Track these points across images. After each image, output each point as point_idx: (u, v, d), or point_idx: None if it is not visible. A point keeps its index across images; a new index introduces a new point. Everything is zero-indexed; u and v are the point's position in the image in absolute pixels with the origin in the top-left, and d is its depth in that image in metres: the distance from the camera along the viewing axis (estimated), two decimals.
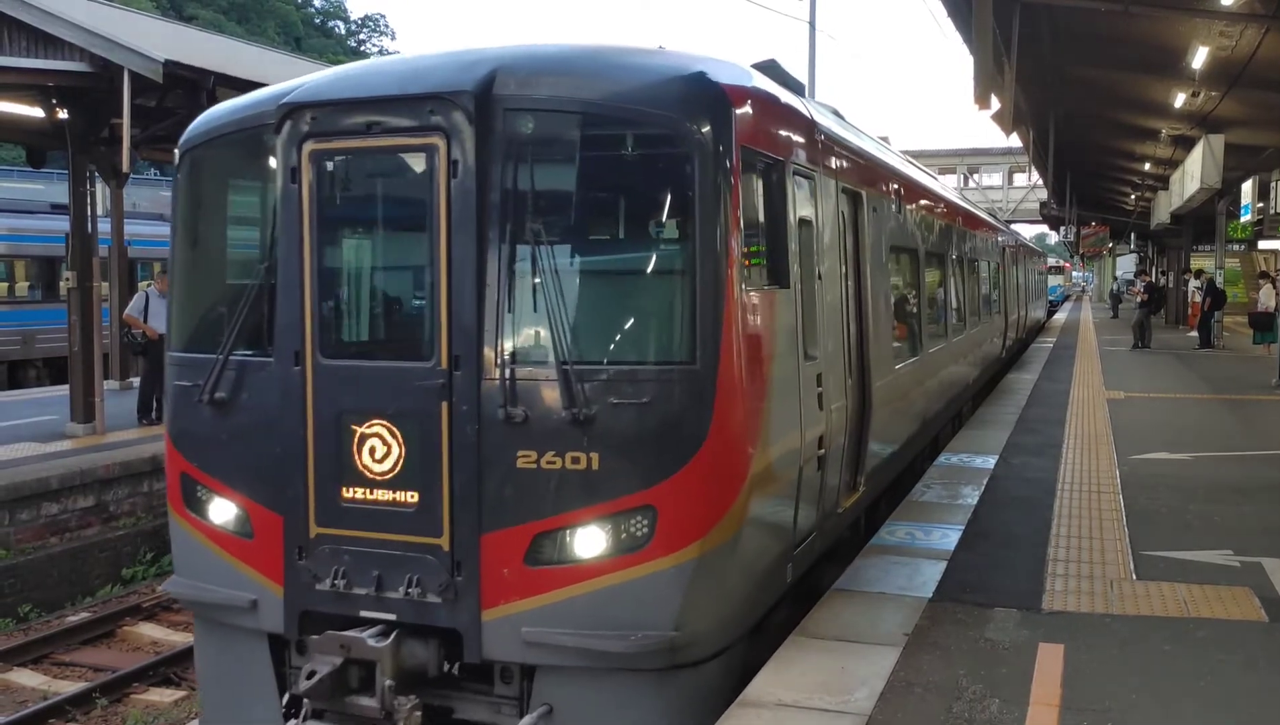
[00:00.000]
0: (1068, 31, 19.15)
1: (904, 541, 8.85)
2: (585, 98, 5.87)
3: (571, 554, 5.70)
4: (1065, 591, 7.55)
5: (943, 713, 5.56)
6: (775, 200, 6.61)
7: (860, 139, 9.86)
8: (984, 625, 6.87)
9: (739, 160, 5.87)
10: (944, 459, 12.73)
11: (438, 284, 5.85)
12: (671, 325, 5.95)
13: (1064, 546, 8.72)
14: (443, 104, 5.80)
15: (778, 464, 6.33)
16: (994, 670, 6.12)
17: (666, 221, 6.05)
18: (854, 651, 6.40)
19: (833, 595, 7.44)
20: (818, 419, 7.11)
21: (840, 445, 7.75)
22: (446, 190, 5.81)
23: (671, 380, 5.66)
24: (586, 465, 5.64)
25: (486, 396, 5.75)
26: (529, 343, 5.88)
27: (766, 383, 6.16)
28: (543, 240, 5.74)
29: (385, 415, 5.94)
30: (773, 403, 6.23)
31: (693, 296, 5.70)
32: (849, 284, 8.42)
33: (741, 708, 5.65)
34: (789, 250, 6.66)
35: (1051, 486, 11.05)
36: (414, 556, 5.90)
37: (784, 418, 6.45)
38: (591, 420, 5.61)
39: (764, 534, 6.31)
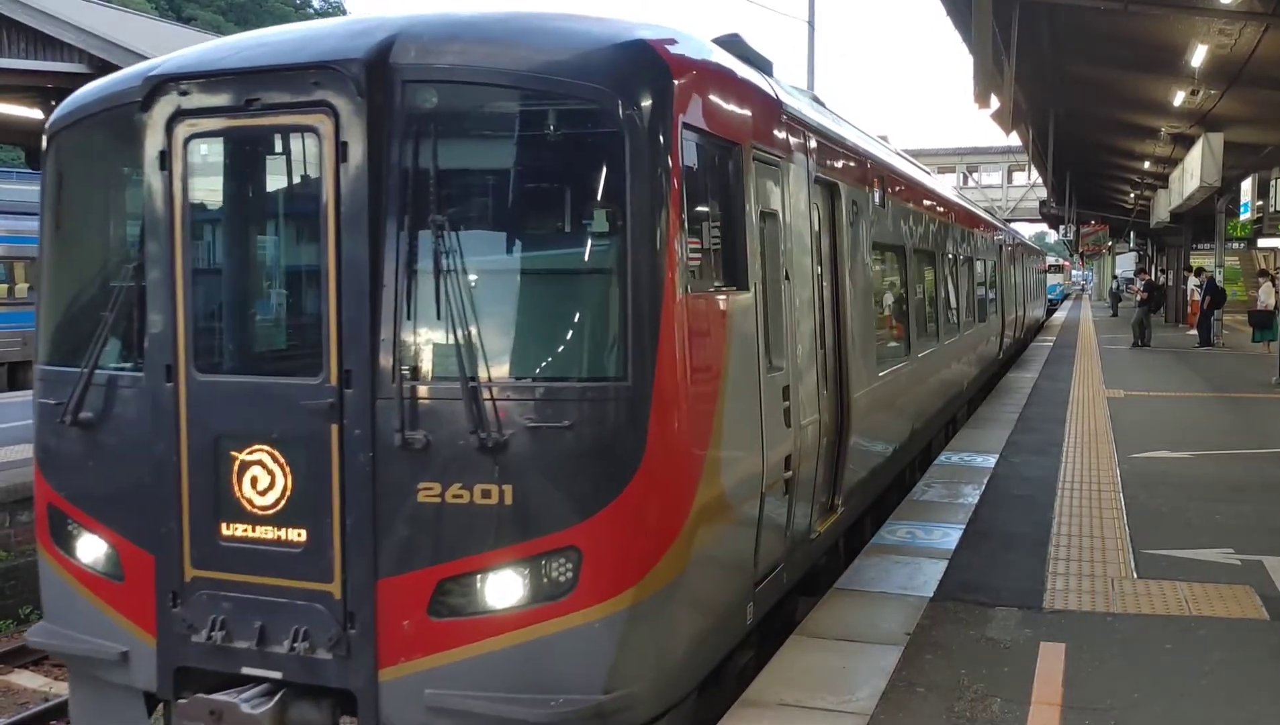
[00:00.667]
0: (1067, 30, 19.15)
1: (905, 541, 8.85)
2: (498, 67, 5.04)
3: (482, 604, 4.92)
4: (1066, 590, 7.55)
5: (944, 712, 5.55)
6: (731, 190, 5.82)
7: (840, 126, 9.09)
8: (985, 624, 6.87)
9: (681, 141, 5.10)
10: (944, 458, 12.73)
11: (326, 287, 5.04)
12: (599, 335, 5.16)
13: (1065, 545, 8.72)
14: (329, 75, 4.98)
15: (733, 491, 5.61)
16: (995, 669, 6.12)
17: (593, 213, 5.11)
18: (855, 651, 6.40)
19: (834, 595, 7.44)
20: (784, 437, 6.41)
21: (814, 464, 7.09)
22: (335, 177, 5.00)
23: (599, 400, 4.88)
24: (499, 499, 4.86)
25: (383, 419, 4.96)
26: (431, 356, 5.10)
27: (717, 399, 5.42)
28: (447, 235, 4.94)
29: (268, 440, 5.14)
30: (725, 422, 5.49)
31: (624, 301, 4.90)
32: (825, 285, 7.77)
33: (743, 707, 5.64)
34: (748, 247, 5.88)
35: (1052, 485, 11.05)
36: (301, 605, 5.09)
37: (740, 438, 5.75)
38: (504, 447, 4.84)
39: (716, 573, 5.60)
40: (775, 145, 6.58)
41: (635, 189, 4.91)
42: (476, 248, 5.10)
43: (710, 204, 5.65)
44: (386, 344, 5.00)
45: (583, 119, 5.08)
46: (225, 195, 5.58)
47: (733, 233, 5.78)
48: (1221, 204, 29.15)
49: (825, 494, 7.64)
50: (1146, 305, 31.25)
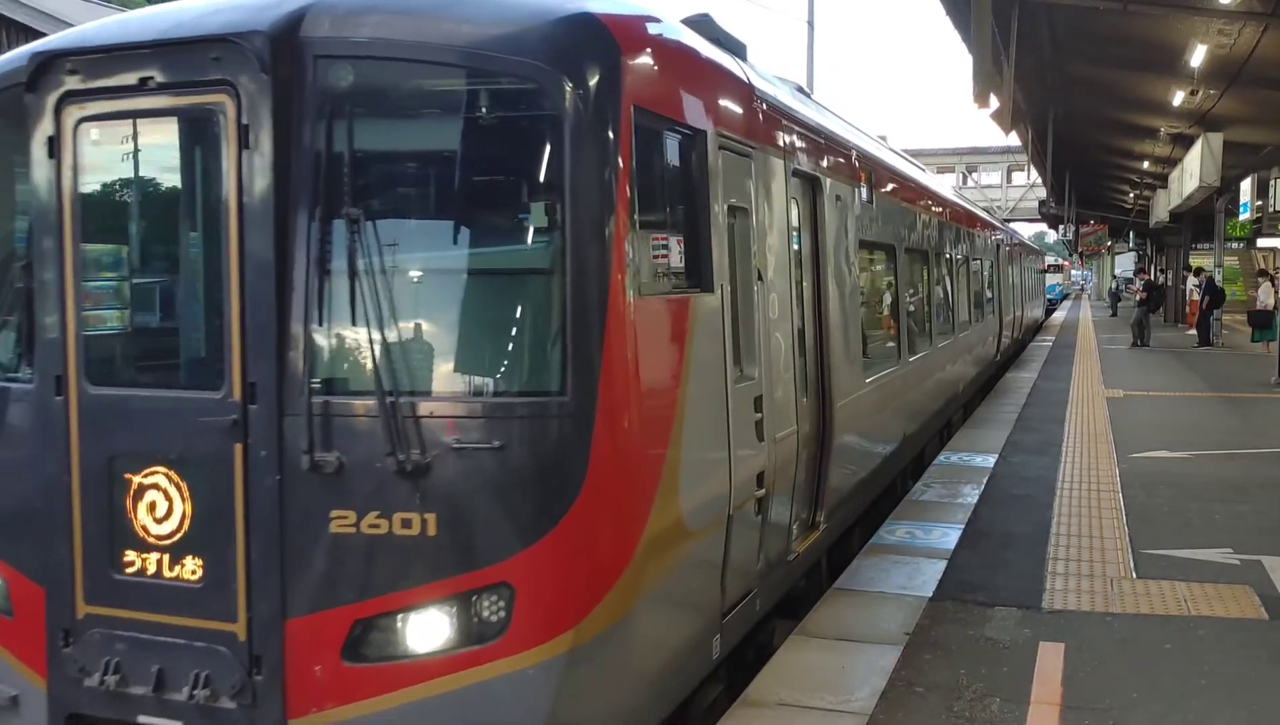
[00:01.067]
0: (1067, 30, 19.17)
1: (904, 541, 8.85)
2: (422, 41, 4.52)
3: (403, 647, 4.39)
4: (1065, 590, 7.55)
5: (943, 712, 5.56)
6: (693, 182, 5.31)
7: (823, 117, 8.57)
8: (984, 624, 6.87)
9: (631, 126, 4.56)
10: (944, 458, 12.74)
11: (228, 289, 4.51)
12: (535, 344, 4.61)
13: (1064, 545, 8.72)
14: (230, 51, 4.42)
15: (694, 515, 5.08)
16: (995, 669, 6.12)
17: (529, 206, 4.57)
18: (855, 651, 6.40)
19: (833, 594, 7.44)
20: (756, 452, 5.91)
21: (791, 480, 6.62)
22: (237, 165, 4.46)
23: (534, 417, 4.35)
24: (420, 530, 4.32)
25: (291, 437, 4.41)
26: (345, 367, 4.56)
27: (674, 413, 4.91)
28: (364, 230, 4.40)
29: (166, 461, 4.59)
30: (685, 438, 4.97)
31: (563, 305, 4.38)
32: (805, 286, 7.29)
33: (742, 707, 5.64)
34: (713, 245, 5.37)
35: (1051, 485, 11.06)
36: (202, 647, 4.54)
37: (703, 456, 5.24)
38: (426, 470, 4.30)
39: (673, 607, 5.09)
40: (746, 134, 6.05)
41: (577, 179, 4.39)
42: (397, 244, 4.54)
43: (668, 197, 5.21)
44: (295, 353, 4.45)
45: (517, 100, 4.54)
46: (120, 186, 5.01)
47: (695, 229, 5.31)
48: (1221, 204, 29.17)
49: (806, 510, 7.24)
50: (1146, 305, 31.28)
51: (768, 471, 6.07)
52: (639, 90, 4.69)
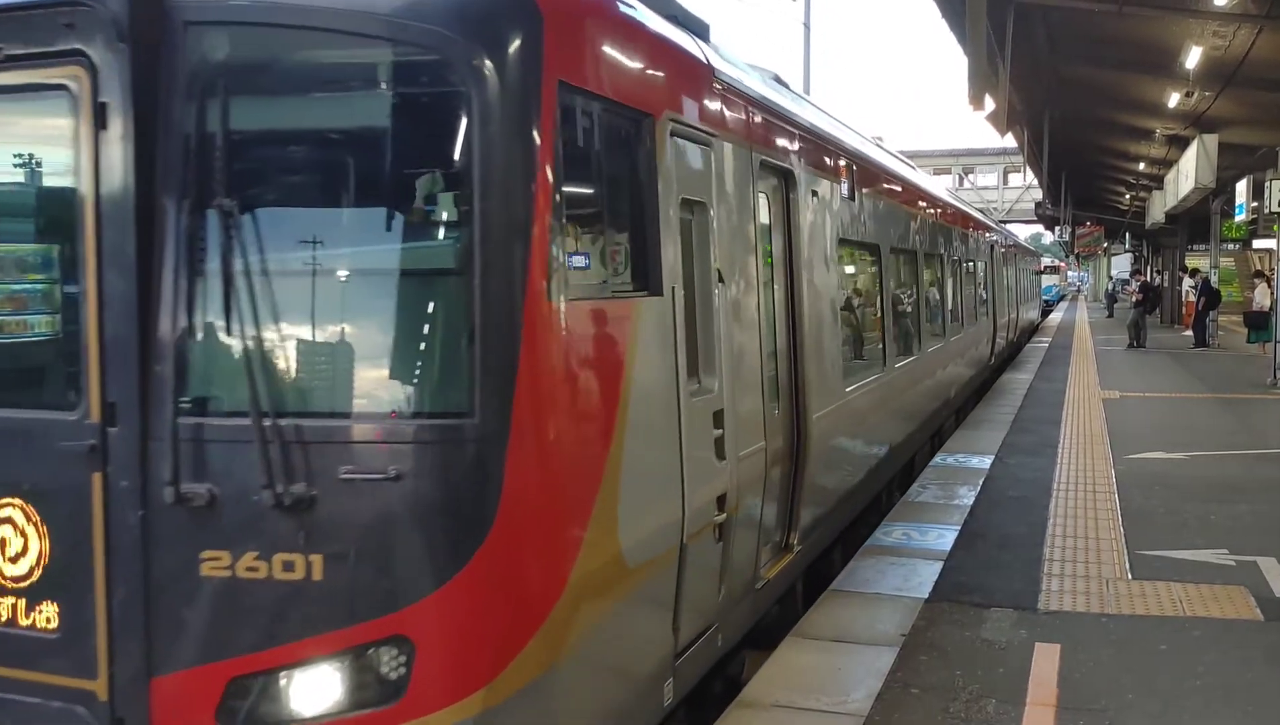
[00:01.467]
0: (1062, 31, 19.21)
1: (900, 542, 8.86)
2: (309, 5, 3.91)
3: (287, 709, 3.78)
4: (1061, 591, 7.56)
5: (939, 713, 5.56)
6: (637, 171, 4.76)
7: (800, 106, 8.04)
8: (980, 625, 6.88)
9: (556, 105, 4.02)
10: (940, 459, 12.75)
11: (84, 293, 3.92)
12: (439, 356, 4.02)
13: (1060, 546, 8.74)
14: (83, 16, 3.82)
15: (637, 549, 4.52)
16: (990, 670, 6.13)
17: (434, 197, 3.99)
18: (851, 652, 6.41)
19: (829, 596, 7.44)
20: (715, 473, 5.38)
21: (759, 500, 6.15)
22: (93, 151, 3.88)
23: (436, 442, 3.77)
24: (305, 573, 3.72)
25: (157, 466, 3.80)
26: (219, 382, 3.97)
27: (611, 434, 4.35)
28: (240, 225, 3.82)
29: (19, 492, 4.00)
30: (625, 461, 4.41)
31: (470, 311, 3.79)
32: (776, 289, 6.81)
33: (739, 708, 5.65)
34: (662, 242, 4.82)
35: (1047, 486, 11.07)
36: (58, 708, 3.93)
37: (647, 480, 4.68)
38: (311, 504, 3.70)
39: (611, 655, 4.54)
40: (704, 120, 5.50)
41: (487, 166, 3.82)
42: (279, 241, 3.94)
43: (606, 188, 4.66)
44: (162, 367, 3.86)
45: (418, 72, 3.95)
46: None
47: (640, 225, 4.77)
48: (1216, 205, 29.23)
49: (778, 532, 6.78)
50: (1142, 306, 31.33)
51: (730, 493, 5.54)
52: (567, 64, 4.15)
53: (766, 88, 7.12)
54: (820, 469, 7.38)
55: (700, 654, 5.42)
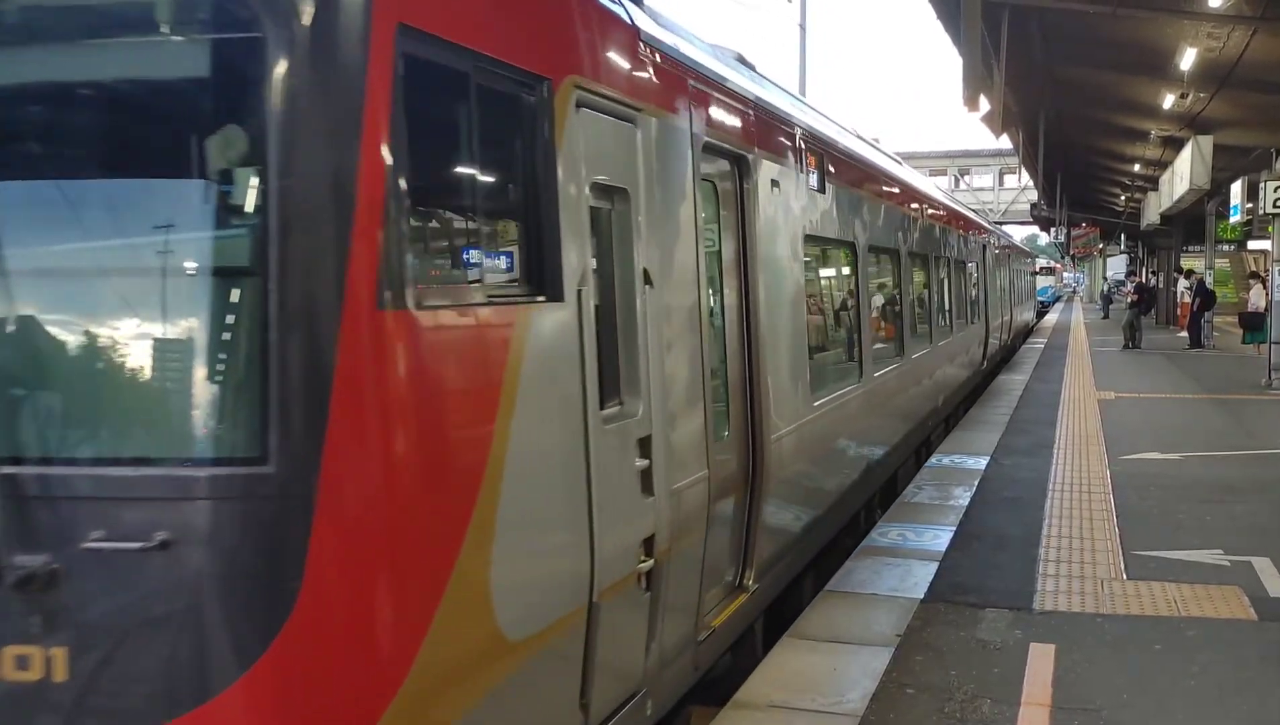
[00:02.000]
0: (1057, 33, 19.24)
1: (895, 543, 8.87)
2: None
3: None
4: (1057, 592, 7.57)
5: (935, 713, 5.57)
6: (528, 147, 3.83)
7: (762, 87, 7.06)
8: (976, 626, 6.89)
9: (394, 54, 3.12)
10: (935, 460, 12.76)
11: None
12: (221, 384, 3.04)
13: (1055, 547, 8.75)
14: None
15: (520, 619, 3.61)
16: (986, 670, 6.14)
17: (218, 173, 3.03)
18: (846, 652, 6.41)
19: (825, 597, 7.45)
20: (639, 512, 4.51)
21: (701, 539, 5.27)
22: None
23: (218, 498, 2.89)
24: (44, 673, 2.86)
25: None
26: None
27: (479, 479, 3.39)
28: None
29: None
30: (500, 511, 3.47)
31: (264, 325, 2.91)
32: (727, 291, 6.03)
33: (734, 709, 5.64)
34: (562, 236, 3.89)
35: (1043, 487, 11.08)
36: None
37: (535, 533, 3.77)
38: (52, 582, 2.84)
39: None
40: (629, 91, 4.58)
41: (287, 132, 2.93)
42: (10, 230, 3.09)
43: (477, 166, 3.72)
44: None
45: (195, 9, 3.06)
46: None
47: (532, 214, 3.85)
48: (1211, 206, 29.31)
49: (731, 570, 6.06)
50: (1137, 307, 31.37)
51: (661, 534, 4.70)
52: (412, 6, 3.26)
53: (717, 62, 6.14)
54: (782, 496, 6.64)
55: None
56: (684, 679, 5.42)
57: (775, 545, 6.64)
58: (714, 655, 5.85)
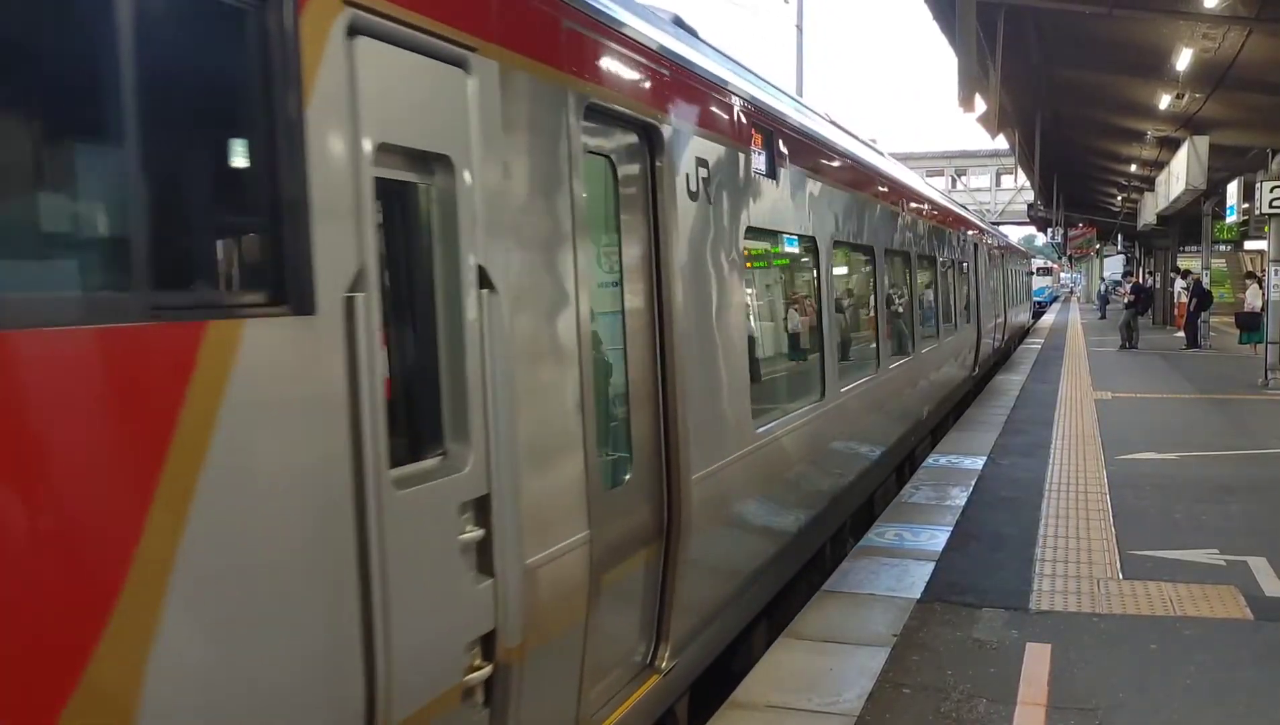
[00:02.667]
0: (1053, 33, 19.26)
1: (893, 543, 8.87)
2: None
3: None
4: (1053, 591, 7.58)
5: (931, 713, 5.57)
6: (250, 84, 2.74)
7: (693, 47, 5.90)
8: (972, 625, 6.89)
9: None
10: (932, 461, 12.75)
11: None
12: None
13: (1052, 546, 8.75)
14: None
15: None
16: (982, 670, 6.14)
17: None
18: (842, 652, 6.41)
19: (821, 597, 7.45)
20: (466, 605, 3.47)
21: (579, 622, 4.21)
22: None
23: None
24: None
25: None
26: None
27: (118, 586, 2.32)
28: None
29: None
30: (169, 628, 2.41)
31: None
32: (629, 297, 4.87)
33: (730, 709, 5.65)
34: (313, 217, 2.82)
35: (1040, 487, 11.09)
36: None
37: (251, 653, 2.65)
38: None
39: None
40: (443, 14, 3.39)
41: None
42: None
43: (146, 105, 2.45)
44: None
45: None
46: None
47: (256, 184, 2.81)
48: (1208, 207, 29.30)
49: (641, 646, 5.04)
50: (1134, 307, 31.39)
51: (508, 627, 3.63)
52: None
53: (621, 8, 4.86)
54: (710, 547, 5.53)
55: None
56: None
57: (703, 608, 5.54)
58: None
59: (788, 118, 7.56)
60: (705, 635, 5.70)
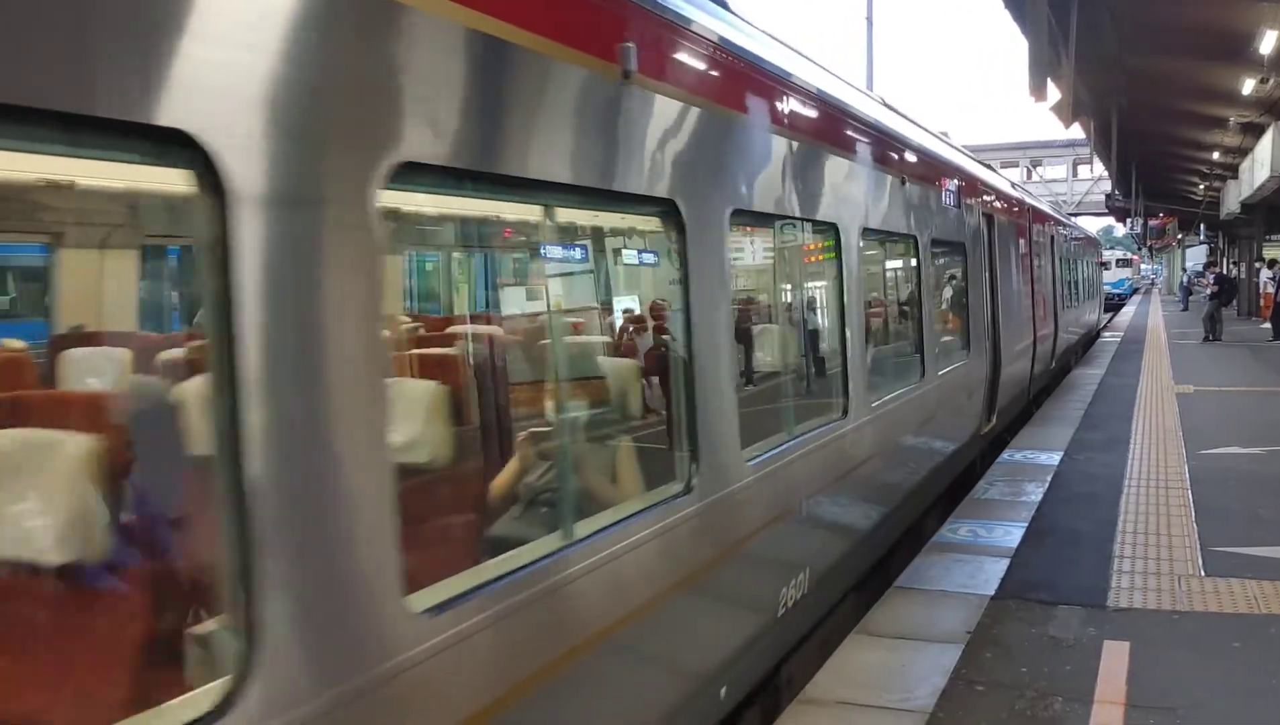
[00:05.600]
0: (1129, 19, 18.84)
1: (966, 539, 8.77)
2: None
3: None
4: (1131, 588, 7.43)
5: (1005, 710, 5.51)
6: None
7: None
8: (1047, 623, 6.79)
9: None
10: (1007, 456, 12.57)
11: None
12: None
13: (1130, 543, 8.58)
14: None
15: None
16: (1057, 668, 6.05)
17: None
18: (915, 649, 6.37)
19: (893, 593, 7.40)
20: None
21: None
22: None
23: None
24: None
25: None
26: None
27: None
28: None
29: None
30: None
31: None
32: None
33: (801, 705, 5.64)
34: None
35: (1118, 483, 10.87)
36: None
37: None
38: None
39: None
40: None
41: None
42: None
43: None
44: None
45: None
46: None
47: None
48: None
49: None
50: (1217, 298, 30.59)
51: None
52: None
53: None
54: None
55: None
56: None
57: None
58: None
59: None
60: None
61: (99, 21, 2.18)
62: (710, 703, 4.91)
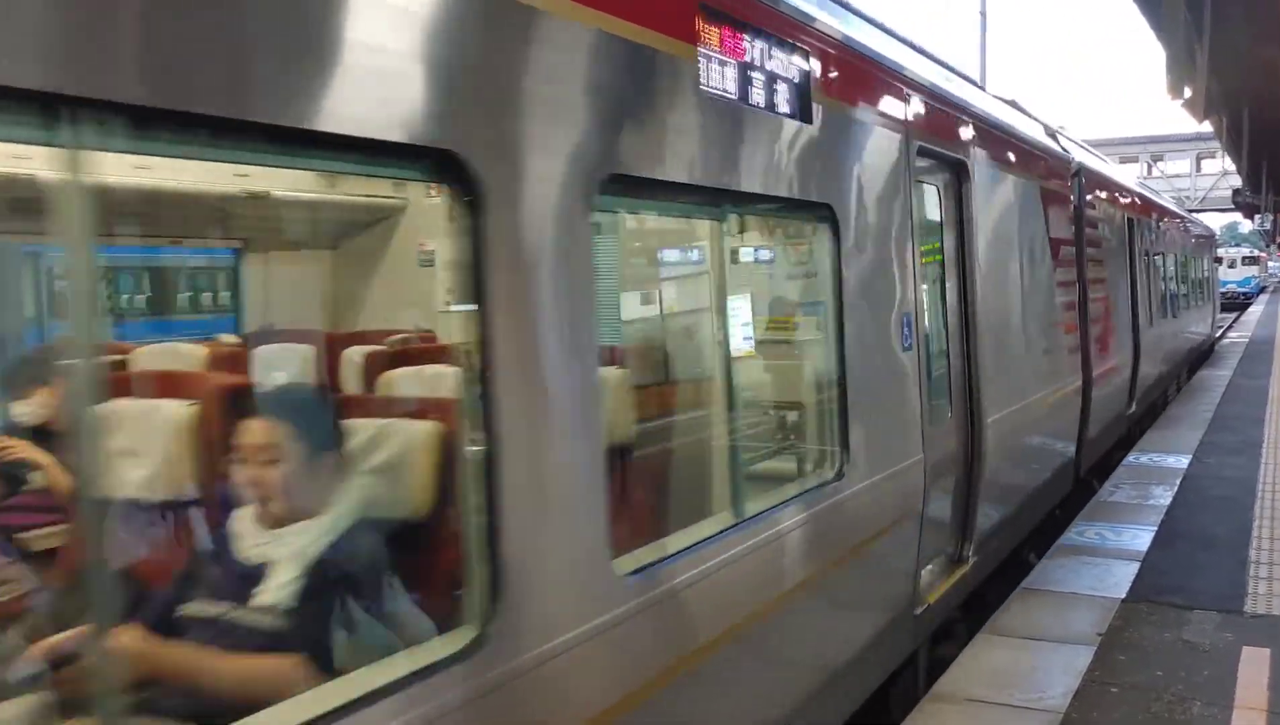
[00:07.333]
0: (1266, 11, 18.24)
1: (1093, 542, 8.69)
2: None
3: None
4: (1270, 594, 7.29)
5: (1141, 713, 5.49)
6: None
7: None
8: (1182, 627, 6.71)
9: None
10: (1133, 458, 12.34)
11: None
12: None
13: (1268, 548, 8.39)
14: None
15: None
16: (1194, 672, 6.00)
17: None
18: (1045, 649, 6.37)
19: (1021, 594, 7.39)
20: None
21: None
22: None
23: None
24: None
25: None
26: None
27: None
28: None
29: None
30: None
31: None
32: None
33: (932, 702, 5.71)
34: None
35: (1251, 486, 10.60)
36: None
37: None
38: None
39: None
40: None
41: None
42: None
43: None
44: None
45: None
46: None
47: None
48: None
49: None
50: None
51: None
52: None
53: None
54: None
55: None
56: None
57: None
58: None
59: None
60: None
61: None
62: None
